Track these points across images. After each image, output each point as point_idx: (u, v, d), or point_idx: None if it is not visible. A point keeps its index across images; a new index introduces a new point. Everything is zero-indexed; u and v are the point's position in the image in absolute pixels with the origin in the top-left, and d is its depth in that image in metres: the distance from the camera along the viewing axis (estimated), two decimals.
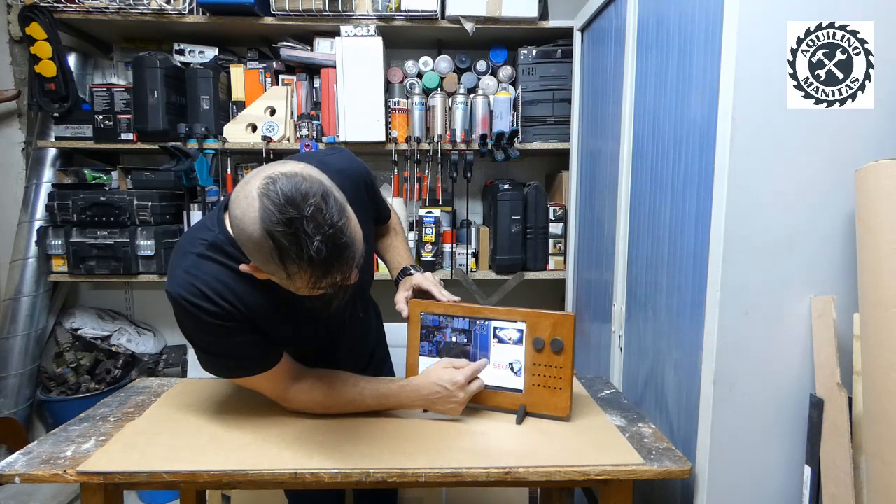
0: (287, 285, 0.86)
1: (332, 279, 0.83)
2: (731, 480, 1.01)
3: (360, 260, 0.86)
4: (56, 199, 2.07)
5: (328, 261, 0.80)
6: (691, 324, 1.09)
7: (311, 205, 0.78)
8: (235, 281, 0.95)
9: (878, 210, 0.86)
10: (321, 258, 0.79)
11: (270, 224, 0.78)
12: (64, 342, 2.32)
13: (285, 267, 0.81)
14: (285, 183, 0.79)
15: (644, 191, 1.35)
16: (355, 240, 0.84)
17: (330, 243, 0.79)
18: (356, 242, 0.84)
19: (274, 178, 0.80)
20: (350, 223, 0.83)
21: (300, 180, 0.80)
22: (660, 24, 1.26)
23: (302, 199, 0.78)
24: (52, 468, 0.90)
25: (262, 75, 2.16)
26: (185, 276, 0.94)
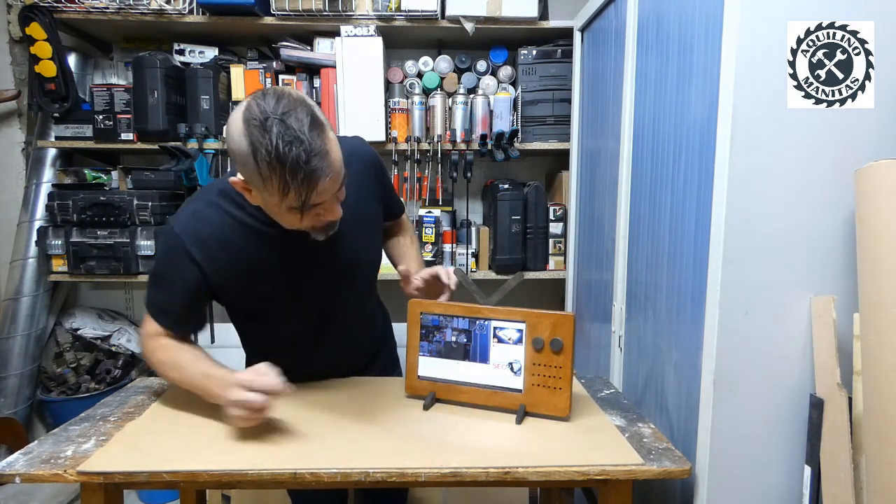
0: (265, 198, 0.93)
1: (300, 188, 0.87)
2: (731, 480, 1.01)
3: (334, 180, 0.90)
4: (56, 199, 2.07)
5: (295, 162, 0.85)
6: (691, 324, 1.09)
7: (287, 110, 0.86)
8: (233, 231, 1.04)
9: (878, 210, 0.86)
10: (288, 156, 0.84)
11: (249, 122, 0.86)
12: (64, 342, 2.32)
13: (258, 166, 0.86)
14: (270, 94, 0.88)
15: (644, 191, 1.35)
16: (328, 155, 0.88)
17: (298, 145, 0.84)
18: (329, 158, 0.88)
19: (265, 90, 0.89)
20: (325, 140, 0.88)
21: (283, 94, 0.88)
22: (660, 24, 1.26)
23: (280, 105, 0.86)
24: (52, 468, 0.90)
25: (262, 75, 2.16)
26: (190, 217, 1.05)
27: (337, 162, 0.91)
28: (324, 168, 0.88)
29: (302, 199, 0.90)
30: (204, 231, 1.04)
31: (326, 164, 0.88)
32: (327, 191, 0.92)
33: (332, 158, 0.90)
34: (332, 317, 1.20)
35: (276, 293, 1.12)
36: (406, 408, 1.14)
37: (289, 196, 0.89)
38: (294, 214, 0.94)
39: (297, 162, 0.85)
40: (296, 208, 0.92)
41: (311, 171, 0.87)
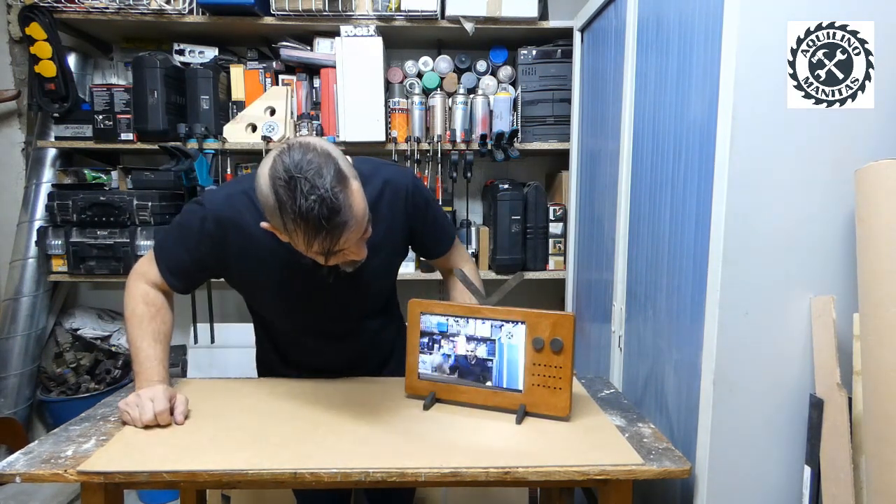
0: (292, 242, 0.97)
1: (323, 241, 0.92)
2: (731, 480, 1.01)
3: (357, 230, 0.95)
4: (56, 199, 2.07)
5: (319, 220, 0.89)
6: (691, 324, 1.09)
7: (312, 168, 0.89)
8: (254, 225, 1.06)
9: (878, 210, 0.86)
10: (312, 216, 0.89)
11: (275, 179, 0.90)
12: (64, 342, 2.32)
13: (283, 221, 0.92)
14: (296, 148, 0.91)
15: (644, 191, 1.35)
16: (351, 209, 0.92)
17: (322, 204, 0.88)
18: (352, 211, 0.92)
19: (290, 144, 0.93)
20: (349, 194, 0.92)
21: (309, 148, 0.92)
22: (660, 24, 1.26)
23: (306, 162, 0.90)
24: (52, 468, 0.90)
25: (262, 75, 2.16)
26: (221, 198, 1.12)
27: (360, 213, 0.95)
28: (347, 222, 0.92)
29: (325, 250, 0.94)
30: (227, 215, 1.10)
31: (349, 218, 0.92)
32: (350, 240, 0.96)
33: (355, 211, 0.93)
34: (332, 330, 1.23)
35: (278, 296, 1.16)
36: (406, 408, 1.14)
37: (313, 249, 0.94)
38: (319, 258, 0.98)
39: (320, 220, 0.89)
40: (320, 257, 0.97)
41: (333, 226, 0.91)
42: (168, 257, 1.16)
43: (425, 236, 1.27)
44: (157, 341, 1.13)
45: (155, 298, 1.16)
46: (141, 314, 1.14)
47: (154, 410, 1.03)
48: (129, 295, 1.16)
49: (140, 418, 1.03)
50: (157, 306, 1.16)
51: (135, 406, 1.04)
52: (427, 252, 1.33)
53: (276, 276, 1.14)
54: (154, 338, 1.13)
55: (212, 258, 1.13)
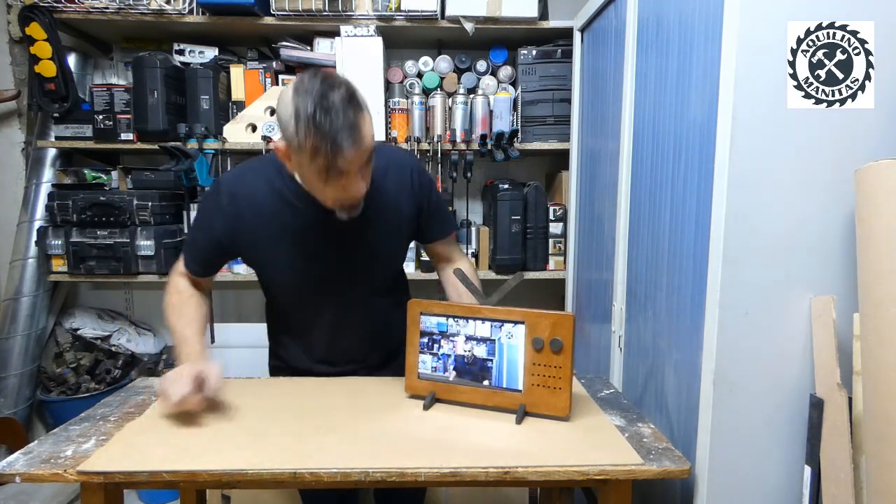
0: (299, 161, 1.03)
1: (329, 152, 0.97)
2: (731, 480, 1.01)
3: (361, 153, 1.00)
4: (56, 199, 2.07)
5: (327, 130, 0.95)
6: (691, 324, 1.09)
7: (332, 86, 0.98)
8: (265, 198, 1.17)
9: (878, 210, 0.86)
10: (324, 122, 0.95)
11: (297, 90, 0.98)
12: (64, 342, 2.32)
13: (297, 130, 0.97)
14: (321, 72, 1.01)
15: (644, 191, 1.35)
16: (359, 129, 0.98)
17: (333, 115, 0.96)
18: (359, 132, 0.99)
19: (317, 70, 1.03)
20: (360, 116, 1.00)
21: (332, 74, 1.02)
22: (660, 24, 1.26)
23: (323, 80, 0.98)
24: (52, 468, 0.90)
25: (262, 75, 2.16)
26: (235, 175, 1.21)
27: (366, 138, 1.01)
28: (352, 138, 0.98)
29: (327, 163, 0.98)
30: (240, 191, 1.18)
31: (356, 136, 0.98)
32: (352, 161, 1.00)
33: (363, 134, 1.00)
34: (340, 304, 1.26)
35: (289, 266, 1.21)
36: (406, 408, 1.14)
37: (317, 159, 0.98)
38: (321, 181, 1.03)
39: (329, 128, 0.96)
40: (322, 172, 1.00)
41: (340, 138, 0.97)
42: (189, 245, 1.27)
43: (430, 217, 1.31)
44: (188, 324, 1.20)
45: (185, 287, 1.26)
46: (174, 304, 1.24)
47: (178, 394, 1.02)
48: (168, 288, 1.27)
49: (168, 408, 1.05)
50: (186, 294, 1.25)
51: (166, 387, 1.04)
52: (430, 234, 1.35)
53: (287, 241, 1.19)
54: (186, 322, 1.20)
55: (227, 235, 1.19)
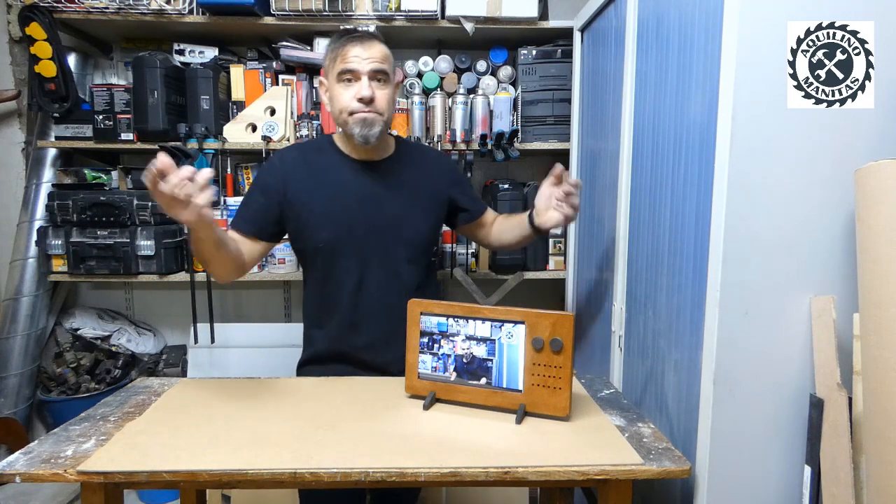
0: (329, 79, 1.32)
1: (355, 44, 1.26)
2: (731, 480, 1.01)
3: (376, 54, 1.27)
4: (56, 199, 2.07)
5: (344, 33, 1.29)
6: (691, 323, 1.09)
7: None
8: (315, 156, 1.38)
9: (878, 210, 0.86)
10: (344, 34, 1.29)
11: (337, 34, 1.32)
12: (64, 342, 2.32)
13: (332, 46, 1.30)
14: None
15: (644, 191, 1.35)
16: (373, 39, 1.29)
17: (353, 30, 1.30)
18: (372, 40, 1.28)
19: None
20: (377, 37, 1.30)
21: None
22: (660, 24, 1.26)
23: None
24: (52, 467, 0.90)
25: (262, 75, 2.16)
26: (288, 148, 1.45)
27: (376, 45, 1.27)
28: (359, 39, 1.26)
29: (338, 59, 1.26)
30: (292, 153, 1.40)
31: (365, 41, 1.26)
32: (359, 56, 1.25)
33: (373, 42, 1.27)
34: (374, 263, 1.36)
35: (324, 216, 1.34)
36: (406, 408, 1.14)
37: (333, 60, 1.27)
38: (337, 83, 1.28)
39: (346, 33, 1.29)
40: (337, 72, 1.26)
41: (352, 38, 1.26)
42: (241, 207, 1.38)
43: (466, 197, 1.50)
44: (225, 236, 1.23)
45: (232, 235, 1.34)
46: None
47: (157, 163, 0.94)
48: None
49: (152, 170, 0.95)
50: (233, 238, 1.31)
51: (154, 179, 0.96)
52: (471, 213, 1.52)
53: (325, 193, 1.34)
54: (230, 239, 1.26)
55: (277, 188, 1.34)
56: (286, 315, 2.54)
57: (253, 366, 2.14)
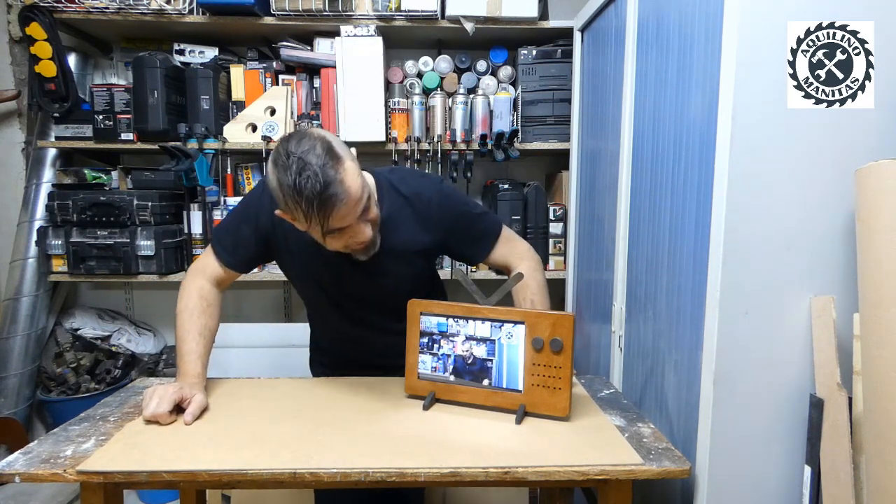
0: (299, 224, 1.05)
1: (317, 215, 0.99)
2: (731, 480, 1.01)
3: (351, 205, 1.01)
4: (56, 199, 2.07)
5: (311, 193, 0.97)
6: (691, 324, 1.09)
7: (307, 148, 0.98)
8: None
9: (878, 210, 0.86)
10: (306, 189, 0.97)
11: (275, 163, 1.00)
12: (64, 342, 2.32)
13: (285, 200, 1.01)
14: (294, 135, 1.02)
15: (644, 191, 1.35)
16: (343, 184, 0.99)
17: (314, 178, 0.97)
18: (344, 186, 0.99)
19: (291, 133, 1.04)
20: (341, 170, 0.99)
21: (305, 134, 1.02)
22: (660, 25, 1.26)
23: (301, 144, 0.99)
24: (52, 467, 0.90)
25: (262, 75, 2.16)
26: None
27: (353, 189, 1.01)
28: (339, 195, 0.99)
29: (322, 226, 1.01)
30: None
31: (341, 192, 0.99)
32: (345, 216, 1.02)
33: (347, 186, 1.00)
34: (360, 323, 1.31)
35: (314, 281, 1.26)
36: (406, 408, 1.14)
37: (312, 224, 1.02)
38: (323, 239, 1.06)
39: (312, 192, 0.97)
40: (320, 234, 1.04)
41: (325, 199, 0.98)
42: (225, 236, 1.25)
43: (463, 241, 1.29)
44: (201, 335, 1.18)
45: (209, 293, 1.23)
46: (192, 308, 1.20)
47: (152, 409, 1.04)
48: (184, 289, 1.23)
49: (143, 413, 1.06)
50: (209, 301, 1.22)
51: (148, 398, 1.06)
52: (469, 257, 1.34)
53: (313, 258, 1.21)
54: (199, 332, 1.18)
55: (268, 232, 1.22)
56: (286, 315, 2.54)
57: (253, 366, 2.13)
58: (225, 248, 1.24)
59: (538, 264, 1.34)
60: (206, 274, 1.25)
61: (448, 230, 1.25)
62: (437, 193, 1.23)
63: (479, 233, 1.30)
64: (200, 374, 1.15)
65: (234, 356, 2.17)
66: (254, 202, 1.23)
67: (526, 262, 1.32)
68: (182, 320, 1.19)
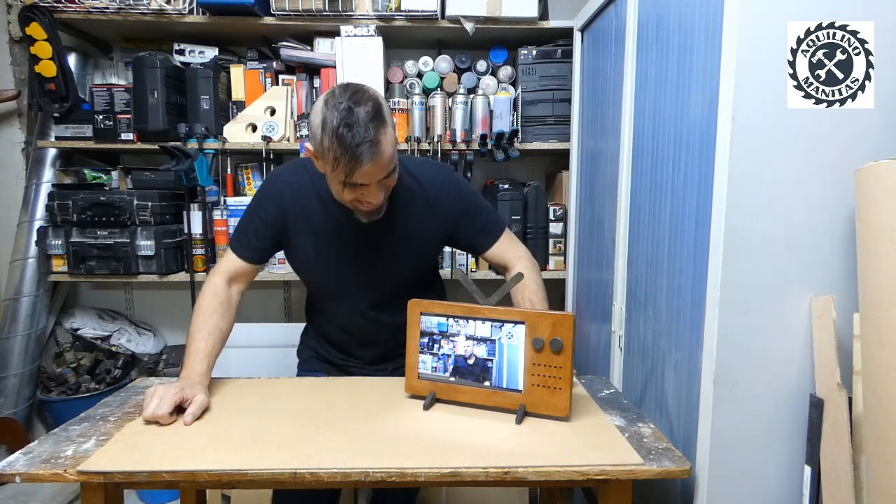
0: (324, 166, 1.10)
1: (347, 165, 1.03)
2: (731, 480, 1.01)
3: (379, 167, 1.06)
4: (56, 199, 2.07)
5: (348, 144, 1.02)
6: (691, 324, 1.09)
7: (359, 101, 1.04)
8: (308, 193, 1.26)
9: (878, 210, 0.86)
10: (347, 136, 1.01)
11: (327, 102, 1.05)
12: (64, 342, 2.32)
13: (322, 138, 1.04)
14: (352, 86, 1.07)
15: (644, 191, 1.35)
16: (379, 145, 1.04)
17: (356, 129, 1.02)
18: (379, 147, 1.04)
19: (348, 83, 1.09)
20: (383, 132, 1.05)
21: (362, 88, 1.07)
22: (660, 25, 1.26)
23: (356, 96, 1.04)
24: (52, 468, 0.90)
25: (262, 75, 2.16)
26: (287, 167, 1.31)
27: (386, 154, 1.06)
28: (371, 153, 1.03)
29: (346, 175, 1.05)
30: (290, 179, 1.27)
31: (375, 151, 1.04)
32: (370, 174, 1.06)
33: (382, 149, 1.05)
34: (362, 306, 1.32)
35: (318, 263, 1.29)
36: (406, 408, 1.14)
37: (337, 170, 1.05)
38: (340, 187, 1.10)
39: (350, 142, 1.02)
40: (341, 181, 1.08)
41: (358, 153, 1.02)
42: (239, 231, 1.30)
43: (470, 232, 1.33)
44: (211, 335, 1.19)
45: (222, 293, 1.25)
46: (205, 307, 1.22)
47: (152, 410, 1.04)
48: (202, 290, 1.26)
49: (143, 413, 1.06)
50: (221, 300, 1.24)
51: (148, 398, 1.07)
52: (475, 247, 1.37)
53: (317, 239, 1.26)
54: (210, 331, 1.19)
55: (277, 218, 1.26)
56: (286, 315, 2.54)
57: (253, 366, 2.13)
58: (240, 242, 1.29)
59: (536, 266, 1.38)
60: (221, 271, 1.28)
61: (456, 217, 1.31)
62: (448, 180, 1.30)
63: (484, 224, 1.35)
64: (204, 373, 1.15)
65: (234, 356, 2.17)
66: (262, 194, 1.29)
67: (524, 262, 1.36)
68: (194, 319, 1.21)
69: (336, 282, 1.31)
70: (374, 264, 1.29)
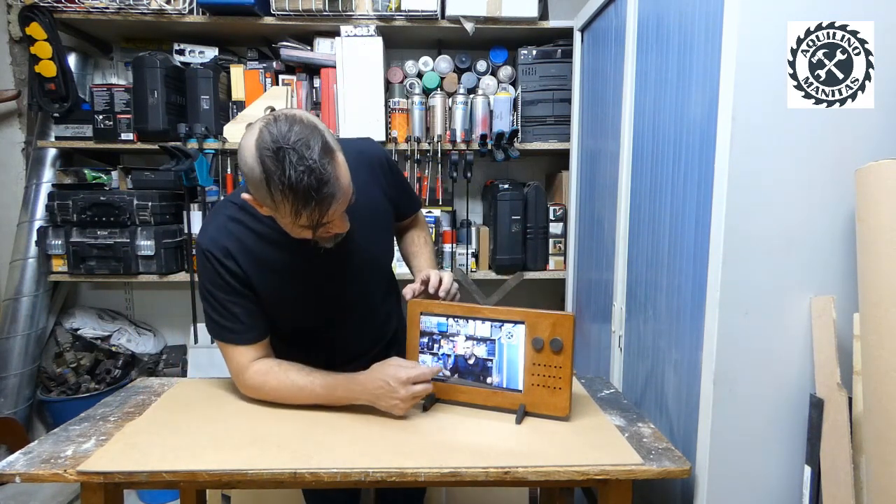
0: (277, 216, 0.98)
1: (311, 214, 0.92)
2: (731, 480, 1.01)
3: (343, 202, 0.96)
4: (56, 199, 2.07)
5: (307, 191, 0.89)
6: (691, 324, 1.09)
7: (300, 140, 0.89)
8: (255, 243, 1.10)
9: (878, 210, 0.86)
10: (301, 187, 0.89)
11: (262, 150, 0.90)
12: (64, 342, 2.32)
13: (271, 192, 0.91)
14: (283, 120, 0.91)
15: (644, 191, 1.35)
16: (338, 181, 0.93)
17: (311, 175, 0.89)
18: (339, 183, 0.93)
19: (276, 115, 0.93)
20: (335, 166, 0.93)
21: (295, 120, 0.92)
22: (660, 24, 1.26)
23: (294, 134, 0.89)
24: (52, 468, 0.90)
25: (262, 75, 2.16)
26: (214, 233, 1.10)
27: (346, 185, 0.96)
28: (335, 193, 0.93)
29: (314, 222, 0.95)
30: (229, 244, 1.09)
31: (337, 189, 0.93)
32: (337, 212, 0.97)
33: (342, 183, 0.94)
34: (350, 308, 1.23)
35: (298, 294, 1.15)
36: None
37: (301, 219, 0.94)
38: (305, 231, 0.98)
39: (309, 191, 0.90)
40: (307, 229, 0.97)
41: (322, 198, 0.91)
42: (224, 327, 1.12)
43: (400, 199, 1.31)
44: (310, 373, 1.12)
45: (264, 366, 1.13)
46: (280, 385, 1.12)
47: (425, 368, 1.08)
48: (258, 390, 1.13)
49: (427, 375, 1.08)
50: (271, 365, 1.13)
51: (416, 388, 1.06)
52: (402, 212, 1.35)
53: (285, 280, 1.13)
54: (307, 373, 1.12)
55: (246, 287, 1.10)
56: None
57: None
58: (235, 332, 1.12)
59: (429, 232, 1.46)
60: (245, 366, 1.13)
61: (390, 185, 1.25)
62: (382, 152, 1.27)
63: (410, 192, 1.38)
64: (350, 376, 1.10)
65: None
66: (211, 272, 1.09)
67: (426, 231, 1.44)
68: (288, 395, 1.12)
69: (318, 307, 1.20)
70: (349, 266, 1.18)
